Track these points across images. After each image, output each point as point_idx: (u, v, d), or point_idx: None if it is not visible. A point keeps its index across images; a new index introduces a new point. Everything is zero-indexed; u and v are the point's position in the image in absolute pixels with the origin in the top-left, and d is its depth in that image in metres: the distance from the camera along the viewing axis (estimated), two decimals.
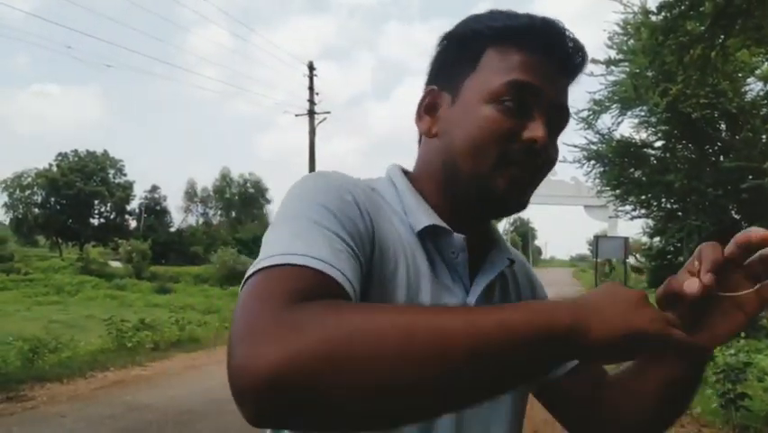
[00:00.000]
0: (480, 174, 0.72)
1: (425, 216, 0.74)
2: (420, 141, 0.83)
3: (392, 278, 0.68)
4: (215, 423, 5.36)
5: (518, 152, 0.70)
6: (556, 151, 0.76)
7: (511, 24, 0.73)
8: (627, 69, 11.25)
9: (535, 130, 0.70)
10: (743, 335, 6.49)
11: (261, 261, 0.58)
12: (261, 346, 0.48)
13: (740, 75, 11.18)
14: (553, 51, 0.72)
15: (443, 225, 0.74)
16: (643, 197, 13.22)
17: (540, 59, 0.71)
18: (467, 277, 0.76)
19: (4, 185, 47.59)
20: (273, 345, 0.47)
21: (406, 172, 0.82)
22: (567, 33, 0.73)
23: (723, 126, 12.13)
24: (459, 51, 0.76)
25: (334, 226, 0.62)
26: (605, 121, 12.97)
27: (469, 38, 0.75)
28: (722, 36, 5.99)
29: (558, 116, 0.74)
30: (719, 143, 12.12)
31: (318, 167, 19.75)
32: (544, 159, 0.72)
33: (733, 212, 12.59)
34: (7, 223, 50.17)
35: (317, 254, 0.57)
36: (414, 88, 0.85)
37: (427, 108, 0.79)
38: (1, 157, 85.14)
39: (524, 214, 0.98)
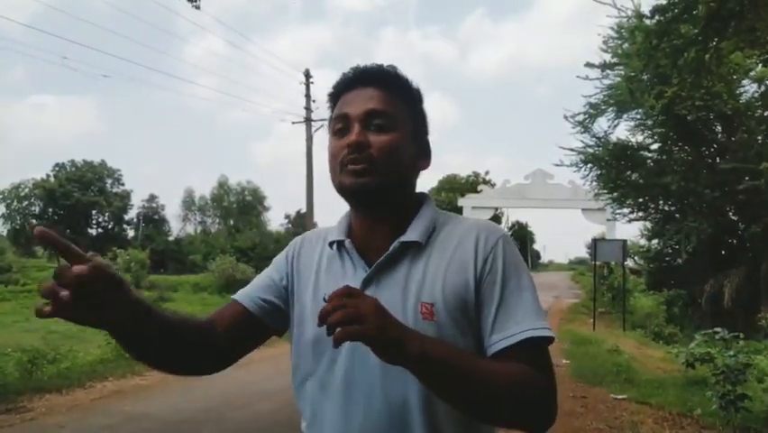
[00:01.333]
0: (336, 181, 1.07)
1: (334, 235, 1.13)
2: None
3: (305, 284, 1.13)
4: (214, 431, 5.35)
5: (346, 155, 1.03)
6: (387, 139, 1.03)
7: (336, 84, 1.12)
8: (622, 73, 11.28)
9: (350, 136, 1.03)
10: (742, 336, 6.49)
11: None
12: None
13: (734, 77, 11.23)
14: (352, 84, 1.08)
15: (337, 238, 1.11)
16: (640, 199, 13.24)
17: (350, 95, 1.07)
18: (364, 263, 1.06)
19: (1, 196, 47.55)
20: None
21: None
22: (367, 67, 1.09)
23: (719, 128, 12.18)
24: (331, 103, 1.14)
25: (266, 272, 1.21)
26: (601, 124, 13.02)
27: (333, 94, 1.13)
28: (716, 39, 6.02)
29: (374, 118, 1.04)
30: (715, 145, 12.17)
31: (316, 174, 19.75)
32: (365, 149, 1.02)
33: (730, 213, 12.63)
34: (5, 234, 50.05)
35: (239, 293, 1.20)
36: None
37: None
38: None
39: (521, 218, 1.23)
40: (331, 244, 1.12)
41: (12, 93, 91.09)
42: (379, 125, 1.03)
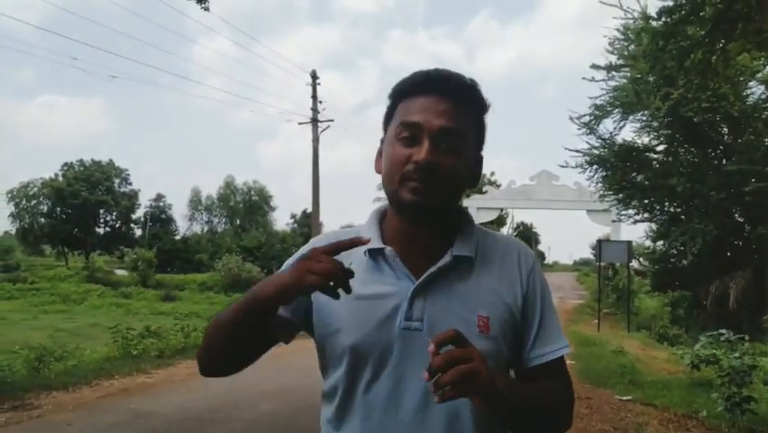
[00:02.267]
0: (394, 192, 1.03)
1: (370, 243, 1.05)
2: None
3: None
4: (219, 429, 5.38)
5: (411, 172, 0.99)
6: (454, 163, 1.00)
7: (410, 82, 1.05)
8: (628, 75, 11.26)
9: (418, 153, 0.98)
10: (747, 337, 6.47)
11: None
12: None
13: (741, 79, 11.19)
14: (429, 92, 1.01)
15: (376, 246, 1.05)
16: (645, 201, 13.21)
17: (424, 101, 1.01)
18: (410, 274, 1.03)
19: (10, 195, 47.86)
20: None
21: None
22: (442, 73, 1.03)
23: (725, 130, 12.13)
24: (388, 108, 1.09)
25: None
26: (607, 126, 12.98)
27: (392, 97, 1.08)
28: (723, 40, 6.00)
29: (446, 137, 1.00)
30: (721, 147, 12.11)
31: (322, 175, 19.78)
32: (435, 171, 0.98)
33: (736, 215, 12.58)
34: (14, 232, 50.39)
35: None
36: None
37: (379, 153, 1.12)
38: (8, 167, 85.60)
39: (526, 219, 1.27)
40: (367, 252, 1.07)
41: (22, 93, 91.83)
42: (449, 146, 1.00)
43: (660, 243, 15.87)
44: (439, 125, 0.99)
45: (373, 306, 1.02)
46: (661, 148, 12.85)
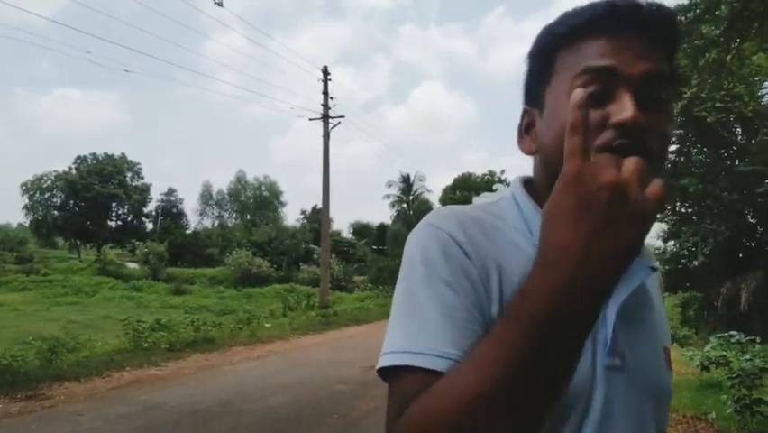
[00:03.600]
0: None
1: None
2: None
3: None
4: (229, 422, 5.43)
5: (614, 139, 0.63)
6: (665, 123, 0.67)
7: (575, 22, 0.69)
8: None
9: (621, 111, 0.63)
10: (758, 340, 6.42)
11: (383, 354, 0.65)
12: None
13: (756, 79, 11.08)
14: (622, 27, 0.67)
15: None
16: None
17: (610, 40, 0.67)
18: None
19: (24, 187, 48.38)
20: None
21: (529, 182, 0.80)
22: (640, 3, 0.68)
23: (738, 130, 12.03)
24: (536, 66, 0.75)
25: (448, 304, 0.64)
26: None
27: (541, 50, 0.74)
28: (738, 40, 5.96)
29: (655, 86, 0.66)
30: (735, 147, 12.01)
31: (333, 171, 19.81)
32: (649, 140, 0.64)
33: (748, 216, 12.47)
34: (27, 224, 50.95)
35: (416, 348, 0.62)
36: (430, 92, 0.74)
37: (526, 128, 0.78)
38: (22, 160, 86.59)
39: None
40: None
41: (37, 86, 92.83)
42: (657, 100, 0.66)
43: (671, 243, 15.77)
44: (644, 70, 0.66)
45: None
46: (673, 148, 12.77)
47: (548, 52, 0.72)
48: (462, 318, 0.63)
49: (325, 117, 19.61)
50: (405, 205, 49.25)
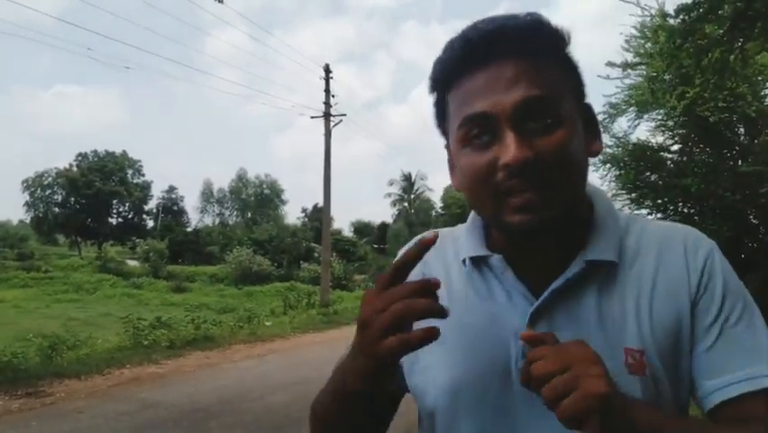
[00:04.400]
0: (493, 218, 0.71)
1: (469, 249, 0.79)
2: None
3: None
4: (228, 420, 5.43)
5: (505, 180, 0.66)
6: (557, 143, 0.66)
7: (444, 62, 0.71)
8: (644, 73, 11.14)
9: (506, 153, 0.65)
10: None
11: None
12: None
13: (760, 78, 11.04)
14: (482, 62, 0.68)
15: (479, 252, 0.77)
16: (659, 201, 13.05)
17: (481, 74, 0.68)
18: (526, 289, 0.73)
19: (25, 184, 48.44)
20: None
21: None
22: (487, 29, 0.68)
23: (741, 130, 11.99)
24: (436, 106, 0.77)
25: None
26: (621, 124, 12.86)
27: (435, 92, 0.76)
28: (741, 39, 5.93)
29: (534, 110, 0.66)
30: (738, 148, 11.97)
31: (335, 169, 19.81)
32: (538, 167, 0.65)
33: (751, 217, 12.45)
34: (28, 221, 51.02)
35: None
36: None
37: (450, 166, 0.79)
38: (23, 157, 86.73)
39: None
40: (465, 261, 0.79)
41: (37, 82, 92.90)
42: (541, 121, 0.66)
43: None
44: (516, 101, 0.66)
45: (478, 336, 0.74)
46: (675, 147, 12.70)
47: (441, 94, 0.75)
48: None
49: (327, 116, 19.60)
50: (406, 204, 49.29)
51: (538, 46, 0.68)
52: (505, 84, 0.66)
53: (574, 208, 0.72)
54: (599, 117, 12.90)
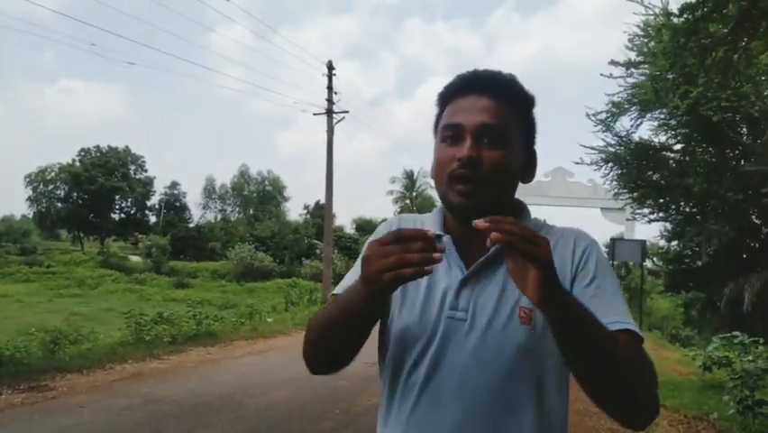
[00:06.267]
0: (443, 196, 1.05)
1: (430, 228, 0.98)
2: None
3: None
4: (230, 416, 5.44)
5: (457, 168, 1.00)
6: (498, 158, 1.00)
7: (447, 88, 1.09)
8: (647, 72, 11.12)
9: (462, 150, 1.00)
10: (761, 341, 6.40)
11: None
12: None
13: (763, 78, 11.00)
14: (468, 92, 1.04)
15: (435, 232, 0.94)
16: (661, 200, 13.06)
17: (462, 102, 1.04)
18: (461, 262, 1.05)
19: (28, 179, 48.47)
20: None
21: None
22: (479, 73, 1.07)
23: (744, 130, 11.95)
24: (436, 115, 1.12)
25: (352, 274, 1.13)
26: (624, 123, 12.83)
27: (437, 105, 1.12)
28: (745, 39, 5.91)
29: (488, 132, 1.01)
30: (740, 147, 11.94)
31: (337, 166, 19.80)
32: (478, 165, 0.99)
33: (753, 217, 12.41)
34: (31, 216, 51.08)
35: (336, 289, 1.14)
36: (436, 88, 1.13)
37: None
38: (26, 152, 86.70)
39: (540, 215, 1.23)
40: None
41: (41, 77, 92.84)
42: (491, 140, 1.01)
43: (674, 243, 15.71)
44: (478, 122, 1.01)
45: (424, 294, 1.05)
46: (678, 147, 12.69)
47: (440, 106, 1.10)
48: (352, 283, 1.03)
49: (330, 112, 19.58)
50: (408, 201, 49.23)
51: (506, 95, 1.05)
52: (477, 110, 1.02)
53: (502, 206, 1.01)
54: (602, 116, 12.77)
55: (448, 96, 1.08)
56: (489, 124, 1.01)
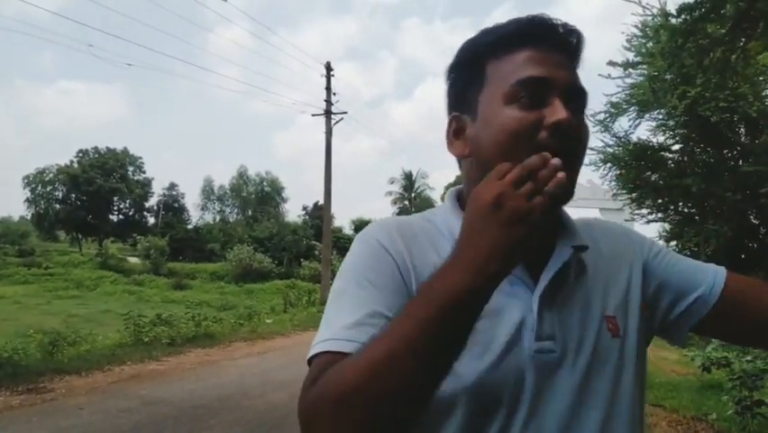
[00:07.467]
0: None
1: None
2: (460, 164, 0.85)
3: None
4: (228, 418, 5.44)
5: (548, 138, 0.70)
6: (586, 130, 0.77)
7: (503, 33, 0.77)
8: (645, 72, 11.14)
9: (557, 113, 0.70)
10: None
11: (313, 345, 0.75)
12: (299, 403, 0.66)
13: (761, 78, 11.03)
14: (546, 42, 0.75)
15: None
16: (659, 200, 13.08)
17: (538, 53, 0.74)
18: (527, 276, 0.76)
19: (26, 180, 48.41)
20: (300, 403, 0.66)
21: (462, 193, 0.87)
22: (555, 21, 0.77)
23: (742, 130, 11.98)
24: (466, 75, 0.81)
25: (366, 299, 0.72)
26: (622, 124, 12.88)
27: (471, 60, 0.80)
28: (743, 39, 5.92)
29: (576, 97, 0.75)
30: (738, 148, 11.97)
31: (336, 167, 19.82)
32: (575, 140, 0.73)
33: (751, 217, 12.43)
34: (29, 218, 51.00)
35: (335, 336, 0.71)
36: (435, 88, 0.82)
37: (455, 133, 0.82)
38: (24, 153, 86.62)
39: None
40: None
41: (39, 79, 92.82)
42: (578, 108, 0.75)
43: (673, 243, 15.73)
44: (570, 79, 0.75)
45: (491, 325, 0.72)
46: (676, 147, 12.71)
47: (478, 62, 0.78)
48: (376, 310, 0.71)
49: (328, 113, 19.60)
50: (407, 202, 49.29)
51: (577, 52, 0.79)
52: (560, 64, 0.75)
53: None
54: (600, 116, 12.77)
55: (501, 46, 0.77)
56: (580, 86, 0.76)
